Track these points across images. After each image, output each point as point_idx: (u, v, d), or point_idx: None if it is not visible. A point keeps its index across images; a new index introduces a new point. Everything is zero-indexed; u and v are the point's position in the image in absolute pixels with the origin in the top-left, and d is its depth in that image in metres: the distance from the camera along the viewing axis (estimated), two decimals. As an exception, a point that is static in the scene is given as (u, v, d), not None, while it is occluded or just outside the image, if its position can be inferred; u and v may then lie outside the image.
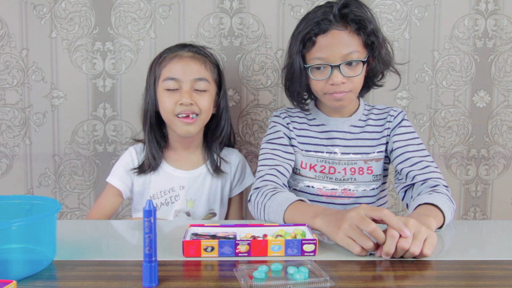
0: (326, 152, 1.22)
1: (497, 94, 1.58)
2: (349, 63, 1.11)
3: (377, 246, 0.83)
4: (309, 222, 0.92)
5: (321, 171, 1.21)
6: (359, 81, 1.15)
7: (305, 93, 1.26)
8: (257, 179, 1.15)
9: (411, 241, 0.81)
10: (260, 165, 1.18)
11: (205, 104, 1.25)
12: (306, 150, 1.22)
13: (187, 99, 1.22)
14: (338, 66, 1.10)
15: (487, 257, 0.85)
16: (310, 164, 1.22)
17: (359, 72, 1.13)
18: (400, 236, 0.81)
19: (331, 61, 1.10)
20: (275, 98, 1.55)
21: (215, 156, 1.34)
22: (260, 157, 1.21)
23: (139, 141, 1.38)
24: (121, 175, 1.32)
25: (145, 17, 1.50)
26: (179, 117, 1.24)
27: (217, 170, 1.33)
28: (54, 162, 1.55)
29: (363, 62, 1.13)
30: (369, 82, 1.22)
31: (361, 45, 1.12)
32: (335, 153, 1.21)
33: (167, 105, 1.24)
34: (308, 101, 1.29)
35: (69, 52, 1.50)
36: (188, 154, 1.34)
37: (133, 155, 1.33)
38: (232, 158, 1.38)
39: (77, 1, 1.48)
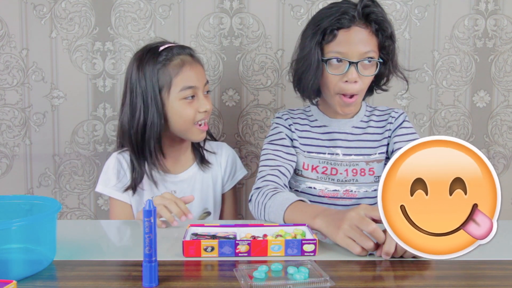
0: (328, 154, 1.22)
1: (497, 94, 1.58)
2: (367, 61, 1.11)
3: (377, 246, 0.83)
4: (309, 222, 0.92)
5: (323, 172, 1.21)
6: (368, 82, 1.15)
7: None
8: (258, 179, 1.15)
9: None
10: (261, 166, 1.18)
11: (212, 106, 1.25)
12: (308, 152, 1.22)
13: (209, 105, 1.21)
14: (356, 63, 1.10)
15: (487, 257, 0.85)
16: (312, 165, 1.22)
17: (373, 73, 1.13)
18: None
19: (349, 57, 1.10)
20: (275, 98, 1.55)
21: (200, 150, 1.32)
22: (262, 158, 1.20)
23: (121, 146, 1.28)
24: (119, 186, 1.25)
25: (145, 17, 1.50)
26: (198, 124, 1.21)
27: (203, 162, 1.31)
28: (54, 162, 1.55)
29: (379, 63, 1.13)
30: (374, 86, 1.22)
31: (377, 47, 1.13)
32: (337, 154, 1.21)
33: (188, 115, 1.19)
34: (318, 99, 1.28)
35: (69, 52, 1.50)
36: (178, 156, 1.29)
37: (121, 162, 1.26)
38: (222, 151, 1.36)
39: (77, 1, 1.48)
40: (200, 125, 1.22)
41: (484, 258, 0.85)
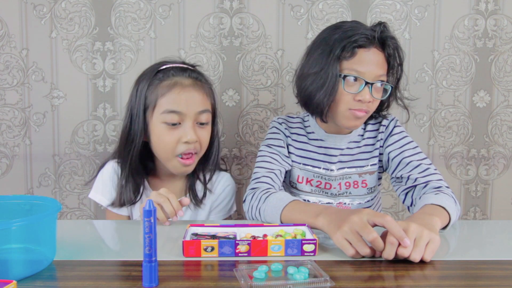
0: (323, 168, 1.22)
1: (497, 94, 1.58)
2: (379, 83, 1.10)
3: (373, 251, 0.83)
4: (310, 221, 0.92)
5: (317, 186, 1.22)
6: (375, 106, 1.14)
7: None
8: (253, 179, 1.15)
9: (412, 248, 0.80)
10: (257, 167, 1.18)
11: (207, 139, 1.17)
12: (303, 164, 1.22)
13: (192, 136, 1.12)
14: (372, 84, 1.08)
15: (487, 257, 0.85)
16: (307, 178, 1.23)
17: (383, 97, 1.13)
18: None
19: (366, 77, 1.08)
20: (275, 98, 1.55)
21: (200, 187, 1.24)
22: (258, 159, 1.20)
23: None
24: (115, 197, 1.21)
25: (145, 17, 1.50)
26: (180, 157, 1.14)
27: (197, 202, 1.22)
28: (54, 162, 1.55)
29: (391, 88, 1.13)
30: (373, 112, 1.20)
31: (386, 72, 1.13)
32: (331, 170, 1.21)
33: (167, 142, 1.13)
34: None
35: (69, 52, 1.50)
36: (172, 182, 1.24)
37: (117, 171, 1.21)
38: (218, 185, 1.27)
39: (77, 1, 1.48)
40: (183, 158, 1.14)
41: (484, 258, 0.85)
